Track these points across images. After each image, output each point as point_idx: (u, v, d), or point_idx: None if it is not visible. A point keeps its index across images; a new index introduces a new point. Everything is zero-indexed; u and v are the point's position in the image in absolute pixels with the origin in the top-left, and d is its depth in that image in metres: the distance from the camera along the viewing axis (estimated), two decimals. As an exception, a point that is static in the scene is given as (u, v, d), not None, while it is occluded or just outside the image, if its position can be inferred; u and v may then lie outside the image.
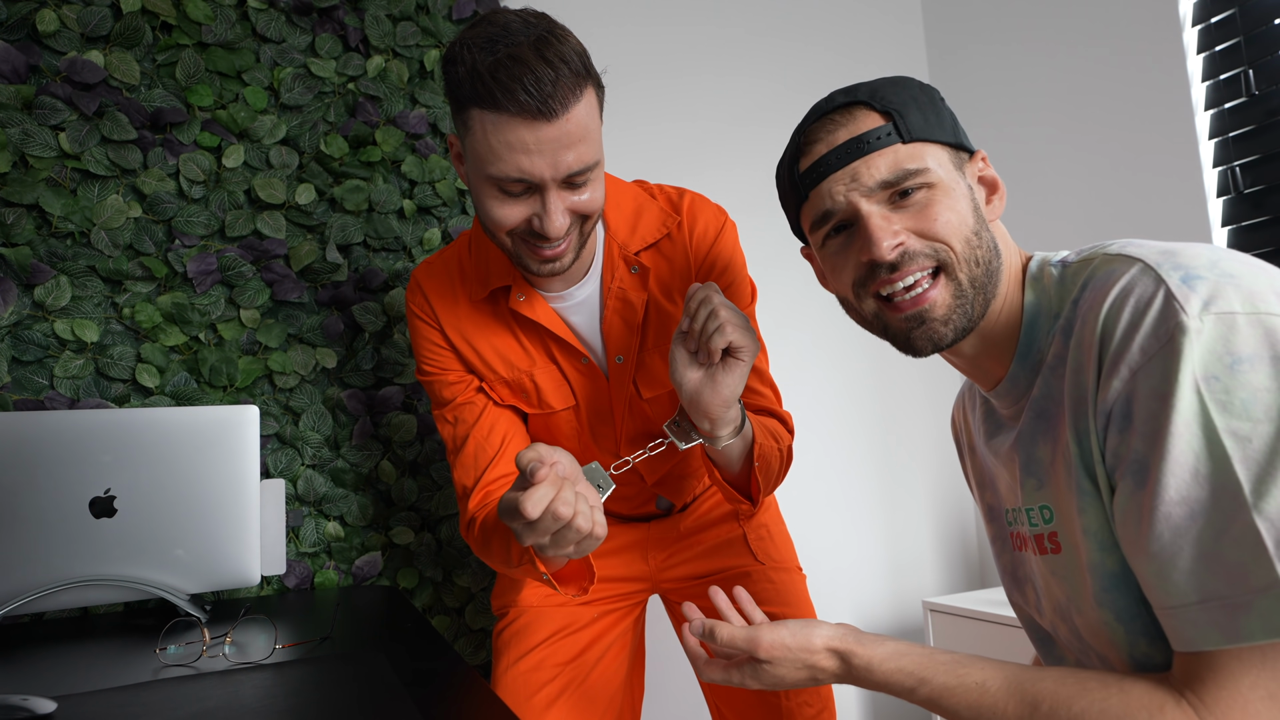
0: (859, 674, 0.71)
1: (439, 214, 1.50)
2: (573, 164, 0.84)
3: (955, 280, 0.69)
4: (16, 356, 1.19)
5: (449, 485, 1.45)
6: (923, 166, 0.70)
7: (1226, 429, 0.53)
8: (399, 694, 0.71)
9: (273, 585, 1.32)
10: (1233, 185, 1.52)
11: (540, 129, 0.82)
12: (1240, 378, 0.54)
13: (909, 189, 0.70)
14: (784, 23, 1.98)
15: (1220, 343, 0.54)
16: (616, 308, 1.02)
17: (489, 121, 0.82)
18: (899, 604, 1.96)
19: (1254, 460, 0.53)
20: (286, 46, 1.40)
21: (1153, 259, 0.60)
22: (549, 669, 1.09)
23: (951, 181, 0.71)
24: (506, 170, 0.84)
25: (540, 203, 0.86)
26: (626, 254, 1.01)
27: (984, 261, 0.70)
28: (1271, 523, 0.51)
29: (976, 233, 0.70)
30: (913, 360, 2.06)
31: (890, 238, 0.69)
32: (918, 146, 0.71)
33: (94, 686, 0.78)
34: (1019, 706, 0.61)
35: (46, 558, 1.04)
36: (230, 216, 1.33)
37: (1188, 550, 0.55)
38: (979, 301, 0.70)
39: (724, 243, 1.04)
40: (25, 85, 1.22)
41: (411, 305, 1.06)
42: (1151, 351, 0.56)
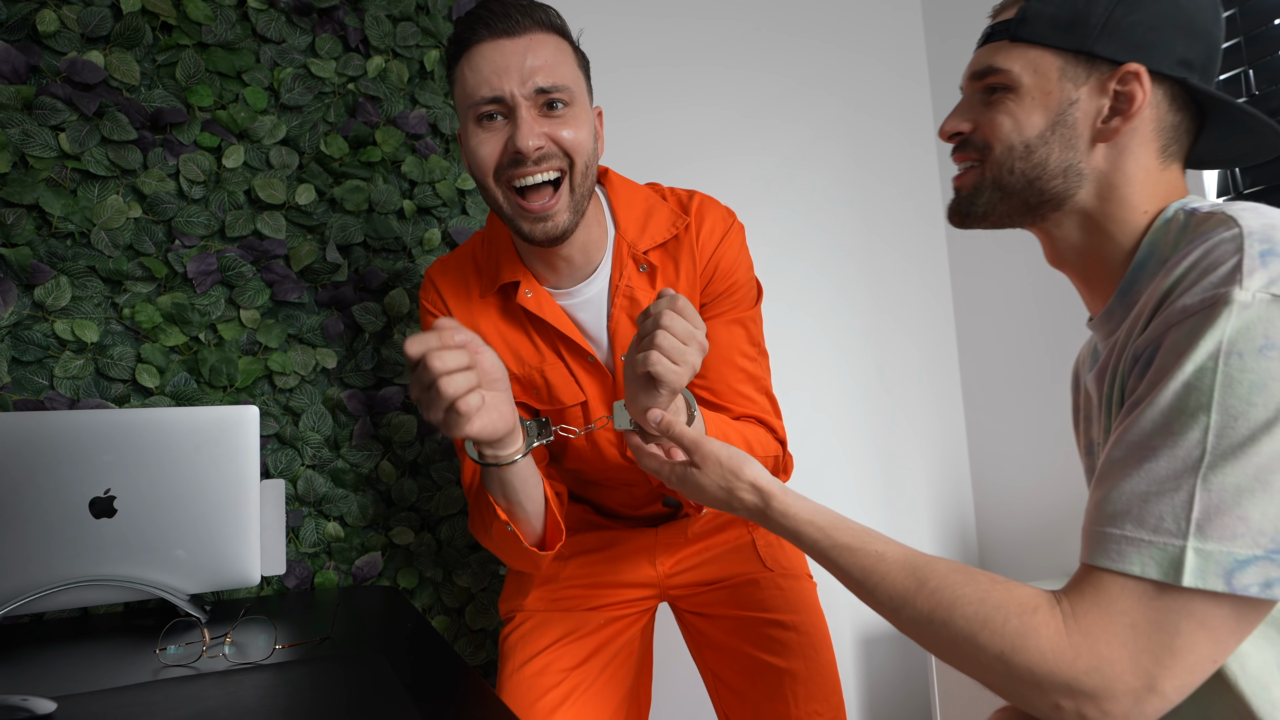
0: (773, 516, 0.75)
1: (439, 214, 1.50)
2: (539, 78, 0.89)
3: (981, 175, 0.75)
4: (16, 357, 1.19)
5: (449, 485, 1.45)
6: (1005, 68, 0.73)
7: (1221, 402, 0.54)
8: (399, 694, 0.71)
9: (273, 585, 1.32)
10: (1232, 185, 1.52)
11: (503, 45, 0.89)
12: (1262, 362, 0.53)
13: (992, 86, 0.74)
14: (790, 18, 1.98)
15: (1262, 323, 0.53)
16: (624, 305, 1.02)
17: (465, 61, 0.90)
18: (899, 604, 1.96)
19: (1228, 439, 0.53)
20: (286, 47, 1.40)
21: (1254, 226, 0.58)
22: (555, 673, 1.08)
23: (1036, 90, 0.71)
24: (480, 92, 0.89)
25: (516, 124, 0.89)
26: (635, 253, 1.02)
27: (1022, 172, 0.72)
28: (1208, 493, 0.53)
29: (1027, 144, 0.72)
30: (915, 360, 2.06)
31: (951, 125, 0.77)
32: (1021, 48, 0.72)
33: (94, 687, 0.78)
34: (907, 579, 0.65)
35: (46, 558, 1.04)
36: (230, 217, 1.33)
37: (1126, 486, 0.57)
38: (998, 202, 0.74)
39: (729, 244, 1.05)
40: (25, 85, 1.22)
41: (425, 302, 1.08)
42: (1191, 311, 0.56)
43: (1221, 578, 0.52)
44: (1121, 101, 0.70)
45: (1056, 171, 0.71)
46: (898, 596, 0.65)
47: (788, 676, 1.08)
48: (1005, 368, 2.00)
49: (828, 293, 1.97)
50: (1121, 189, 0.71)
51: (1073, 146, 0.71)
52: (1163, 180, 0.72)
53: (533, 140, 0.88)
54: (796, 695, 1.07)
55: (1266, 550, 0.52)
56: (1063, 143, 0.71)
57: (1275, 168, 1.45)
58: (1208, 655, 0.54)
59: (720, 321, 1.05)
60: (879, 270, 2.04)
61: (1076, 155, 0.71)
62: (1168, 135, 0.71)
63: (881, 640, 1.93)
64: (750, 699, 1.11)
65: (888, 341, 2.04)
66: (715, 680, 1.18)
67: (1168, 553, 0.54)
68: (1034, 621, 0.58)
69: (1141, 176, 0.71)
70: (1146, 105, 0.69)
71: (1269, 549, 0.52)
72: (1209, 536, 0.53)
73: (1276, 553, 0.52)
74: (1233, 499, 0.53)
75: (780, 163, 1.93)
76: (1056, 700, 0.56)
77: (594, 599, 1.16)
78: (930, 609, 0.62)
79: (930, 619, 0.62)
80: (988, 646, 0.59)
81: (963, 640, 0.60)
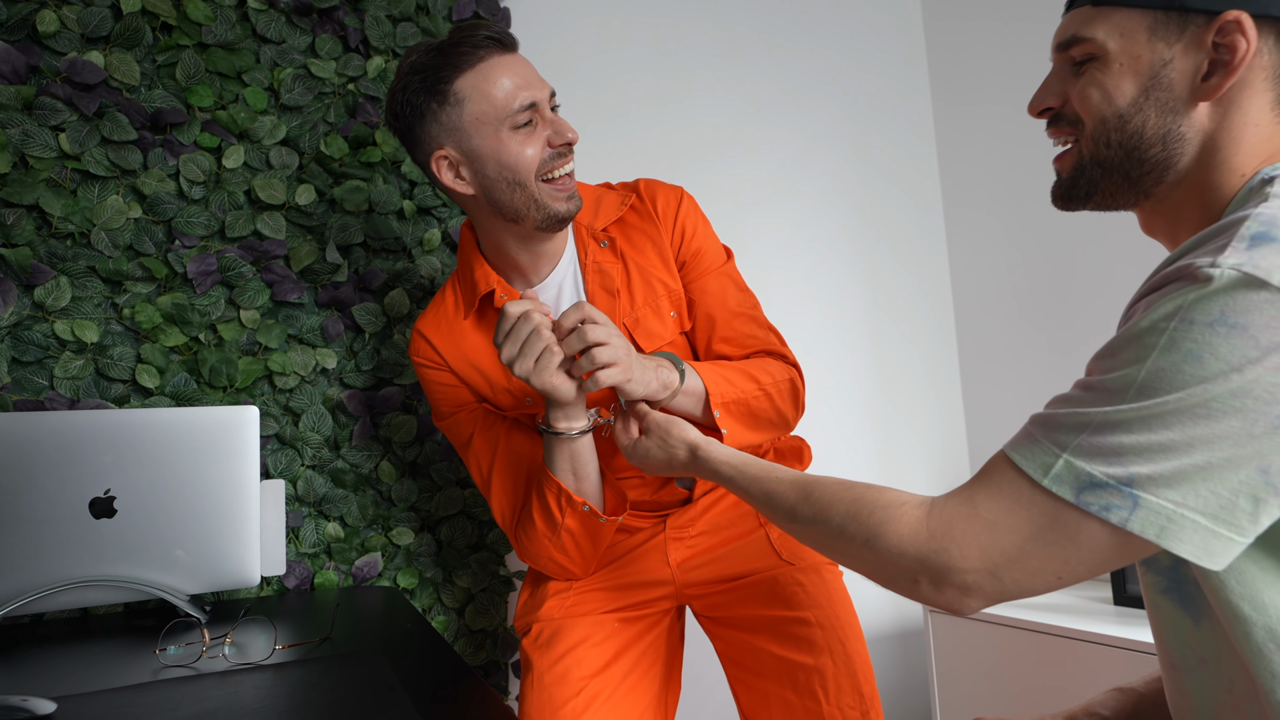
0: (700, 463, 0.88)
1: (439, 214, 1.50)
2: (547, 86, 1.02)
3: (1079, 153, 0.72)
4: (16, 357, 1.19)
5: (449, 486, 1.45)
6: (1089, 36, 0.69)
7: (1155, 362, 0.55)
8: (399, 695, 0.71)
9: (273, 586, 1.32)
10: (1233, 186, 1.52)
11: (514, 58, 1.00)
12: (1208, 335, 0.53)
13: (1076, 58, 0.70)
14: (790, 18, 1.98)
15: (1224, 298, 0.53)
16: (595, 278, 1.11)
17: (477, 78, 0.98)
18: (899, 605, 1.96)
19: (1143, 391, 0.55)
20: (286, 47, 1.40)
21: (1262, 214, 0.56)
22: (574, 681, 1.07)
23: (1124, 55, 0.67)
24: (520, 101, 0.99)
25: (545, 123, 1.02)
26: (594, 232, 1.13)
27: (1119, 144, 0.69)
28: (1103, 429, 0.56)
29: (1120, 114, 0.68)
30: (916, 359, 2.06)
31: (1038, 100, 0.74)
32: (1105, 11, 0.68)
33: (94, 687, 0.78)
34: (796, 493, 0.75)
35: (46, 558, 1.04)
36: (230, 217, 1.33)
37: (1058, 399, 0.62)
38: (1100, 179, 0.71)
39: (687, 210, 1.15)
40: (25, 86, 1.22)
41: (416, 358, 1.15)
42: (1170, 277, 0.57)
43: (1072, 489, 0.57)
44: (1223, 54, 0.64)
45: (1155, 139, 0.67)
46: (789, 508, 0.75)
47: (816, 674, 1.06)
48: (1005, 367, 2.00)
49: (828, 292, 1.97)
50: (1224, 150, 0.66)
51: (1171, 110, 0.66)
52: (1273, 135, 0.66)
53: (570, 132, 1.02)
54: (827, 691, 1.05)
55: (1119, 482, 0.55)
56: (1159, 107, 0.66)
57: (1275, 168, 1.45)
58: (1052, 570, 0.59)
59: (707, 277, 1.15)
60: (879, 270, 2.04)
61: (1176, 119, 0.66)
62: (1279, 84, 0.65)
63: (882, 640, 1.93)
64: (778, 699, 1.08)
65: (888, 341, 2.04)
66: (741, 682, 1.15)
67: (1046, 454, 0.59)
68: (898, 513, 0.65)
69: (1250, 134, 0.65)
70: (1252, 54, 0.63)
71: (1121, 480, 0.55)
72: (1081, 454, 0.57)
73: (1127, 487, 0.55)
74: (1116, 431, 0.56)
75: (780, 163, 1.93)
76: (915, 575, 0.63)
77: (610, 602, 1.15)
78: (813, 513, 0.71)
79: (813, 520, 0.71)
80: (855, 535, 0.67)
81: (836, 533, 0.69)
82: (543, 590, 1.18)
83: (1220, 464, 0.53)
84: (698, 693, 1.65)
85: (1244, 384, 0.52)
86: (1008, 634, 1.59)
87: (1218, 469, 0.53)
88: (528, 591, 1.22)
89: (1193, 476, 0.54)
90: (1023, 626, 1.55)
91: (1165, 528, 0.54)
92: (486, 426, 1.13)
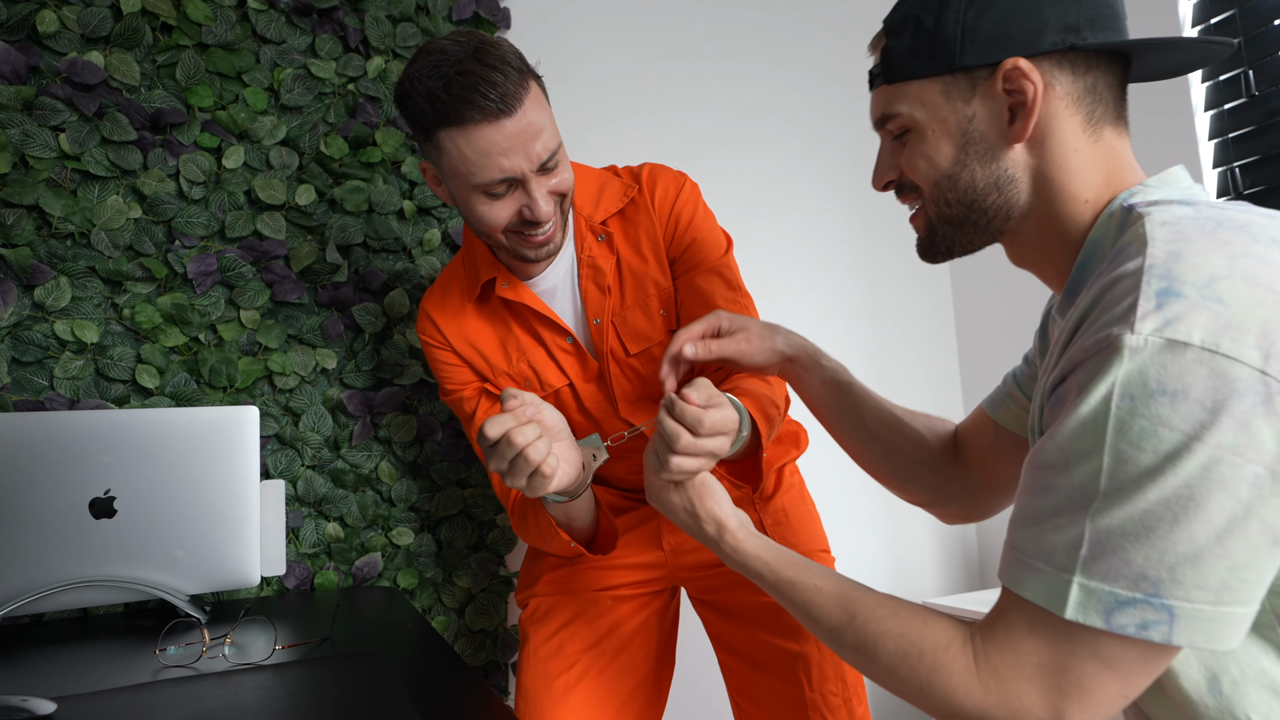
0: (725, 550, 0.80)
1: (439, 214, 1.50)
2: (542, 152, 0.93)
3: (926, 215, 0.75)
4: (16, 357, 1.19)
5: (449, 486, 1.45)
6: (896, 112, 0.72)
7: (1112, 445, 0.54)
8: (399, 695, 0.71)
9: (272, 586, 1.32)
10: (1233, 186, 1.52)
11: (505, 126, 0.90)
12: (1153, 408, 0.52)
13: (894, 132, 0.74)
14: (790, 18, 1.98)
15: (1155, 367, 0.53)
16: (589, 274, 1.09)
17: (459, 137, 0.91)
18: (899, 605, 1.96)
19: (1116, 481, 0.54)
20: (286, 47, 1.40)
21: (1156, 257, 0.56)
22: (568, 655, 1.11)
23: (932, 121, 0.70)
24: (490, 174, 0.92)
25: (525, 194, 0.95)
26: (592, 224, 1.10)
27: (958, 201, 0.71)
28: (1096, 533, 0.54)
29: (948, 175, 0.71)
30: (915, 359, 2.06)
31: (880, 175, 0.76)
32: (900, 87, 0.72)
33: (94, 687, 0.78)
34: (840, 613, 0.70)
35: (46, 558, 1.04)
36: (230, 217, 1.33)
37: (1029, 511, 0.59)
38: (952, 234, 0.74)
39: (685, 200, 1.11)
40: (25, 86, 1.22)
41: (422, 336, 1.14)
42: (1090, 352, 0.56)
43: (1101, 615, 0.54)
44: (1017, 98, 0.67)
45: (987, 188, 0.70)
46: (833, 629, 0.70)
47: (800, 660, 1.08)
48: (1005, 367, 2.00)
49: (828, 292, 1.97)
50: (1057, 180, 0.68)
51: (992, 158, 0.69)
52: (1097, 156, 0.68)
53: (546, 205, 0.95)
54: (810, 677, 1.08)
55: (1145, 594, 0.53)
56: (980, 158, 0.70)
57: (1276, 168, 1.45)
58: (1116, 692, 0.56)
59: (696, 273, 1.11)
60: (879, 270, 2.04)
61: (999, 164, 0.69)
62: (1085, 103, 0.68)
63: (881, 641, 1.93)
64: (764, 684, 1.11)
65: (888, 341, 2.04)
66: (727, 666, 1.19)
67: (1056, 583, 0.56)
68: (946, 658, 0.62)
69: (1074, 159, 0.68)
70: (1043, 91, 0.66)
71: (1148, 593, 0.53)
72: (1093, 574, 0.54)
73: (1155, 597, 0.53)
74: (1117, 542, 0.54)
75: (780, 163, 1.93)
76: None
77: (603, 580, 1.17)
78: (860, 642, 0.67)
79: (860, 650, 0.67)
80: (908, 680, 0.64)
81: (888, 672, 0.65)
82: (540, 564, 1.21)
83: (1230, 542, 0.52)
84: (698, 691, 1.65)
85: (1210, 454, 0.51)
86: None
87: (1229, 548, 0.52)
88: (527, 565, 1.25)
89: (1213, 566, 0.52)
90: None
91: (1210, 630, 0.52)
92: (489, 405, 1.13)
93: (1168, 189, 0.66)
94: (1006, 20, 0.66)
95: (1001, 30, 0.66)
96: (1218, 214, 0.59)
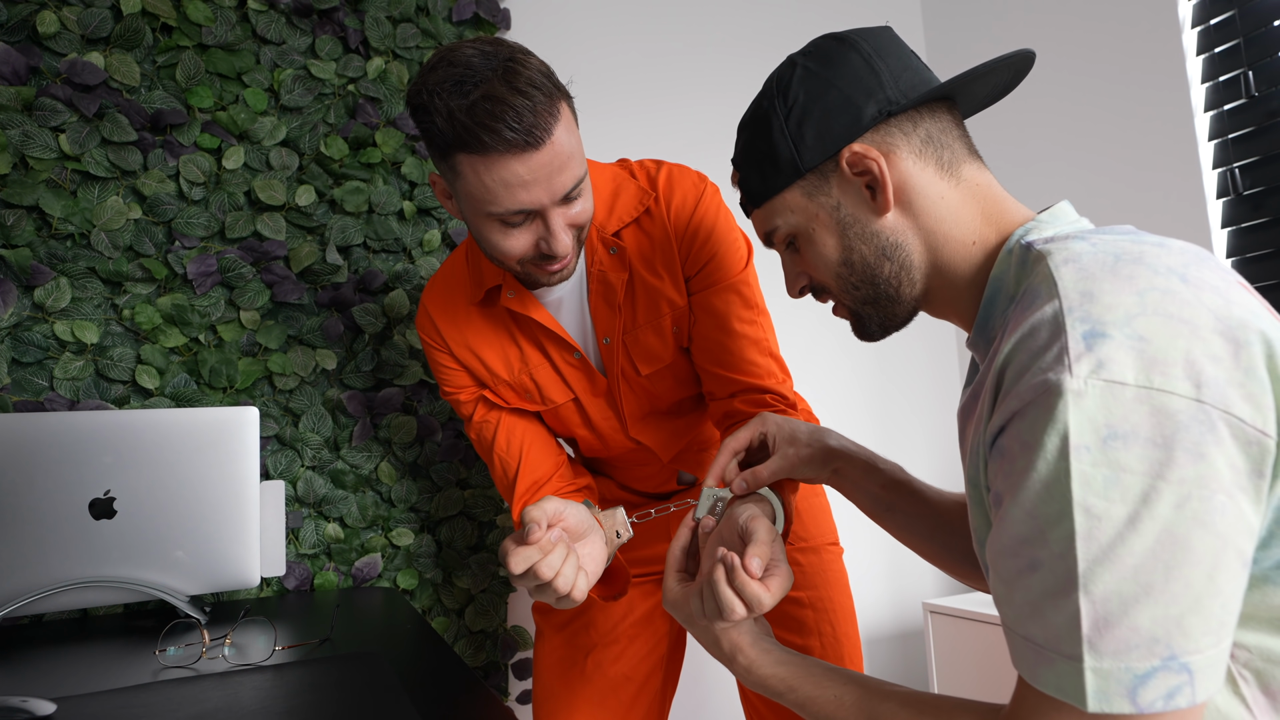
0: (739, 672, 0.78)
1: (439, 215, 1.50)
2: (566, 184, 0.87)
3: (844, 304, 0.78)
4: (16, 358, 1.19)
5: (449, 487, 1.45)
6: (773, 227, 0.77)
7: (1081, 502, 0.52)
8: (398, 696, 0.71)
9: (272, 587, 1.32)
10: (1232, 187, 1.52)
11: (530, 159, 0.83)
12: (1109, 453, 0.51)
13: (784, 241, 0.78)
14: (790, 18, 1.98)
15: (1101, 412, 0.52)
16: (598, 290, 1.03)
17: (479, 164, 0.83)
18: (899, 606, 1.96)
19: (1097, 541, 0.51)
20: (286, 48, 1.40)
21: (1070, 299, 0.56)
22: (600, 630, 1.13)
23: (808, 221, 0.75)
24: (507, 206, 0.85)
25: (544, 226, 0.88)
26: (604, 235, 1.02)
27: (861, 283, 0.75)
28: (1093, 604, 0.51)
29: (843, 264, 0.74)
30: (915, 359, 2.06)
31: (793, 283, 0.80)
32: (767, 206, 0.77)
33: (93, 688, 0.78)
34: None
35: (46, 559, 1.04)
36: (230, 218, 1.33)
37: (1020, 593, 0.56)
38: (873, 312, 0.77)
39: (704, 210, 1.04)
40: (25, 87, 1.22)
41: (421, 334, 1.10)
42: (1027, 399, 0.55)
43: (1126, 697, 0.50)
44: (868, 176, 0.71)
45: (878, 260, 0.73)
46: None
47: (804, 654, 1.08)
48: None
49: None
50: (938, 230, 0.71)
51: (871, 233, 0.73)
52: (965, 196, 0.72)
53: (566, 240, 0.89)
54: None
55: (1164, 659, 0.50)
56: (860, 238, 0.73)
57: (1275, 169, 1.45)
58: None
59: (711, 292, 1.04)
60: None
61: (879, 237, 0.72)
62: (930, 152, 0.72)
63: (881, 640, 1.93)
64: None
65: (888, 341, 2.04)
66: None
67: (1070, 672, 0.52)
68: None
69: (943, 206, 0.71)
70: (887, 165, 0.71)
71: (1164, 657, 0.50)
72: (1104, 653, 0.51)
73: (1171, 659, 0.50)
74: (1119, 608, 0.51)
75: (780, 164, 1.93)
76: None
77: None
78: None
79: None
80: None
81: None
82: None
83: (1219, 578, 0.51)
84: (698, 693, 1.65)
85: (1178, 491, 0.50)
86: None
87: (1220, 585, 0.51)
88: None
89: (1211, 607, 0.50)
90: (1022, 627, 1.55)
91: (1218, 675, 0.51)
92: (487, 409, 1.10)
93: (1059, 223, 0.68)
94: (824, 119, 0.72)
95: (825, 128, 0.72)
96: (1112, 246, 0.60)
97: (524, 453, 1.08)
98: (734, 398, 1.06)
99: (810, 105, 0.73)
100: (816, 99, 0.73)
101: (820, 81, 0.73)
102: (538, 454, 1.09)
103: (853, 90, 0.72)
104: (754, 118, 0.77)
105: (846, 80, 0.73)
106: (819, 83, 0.73)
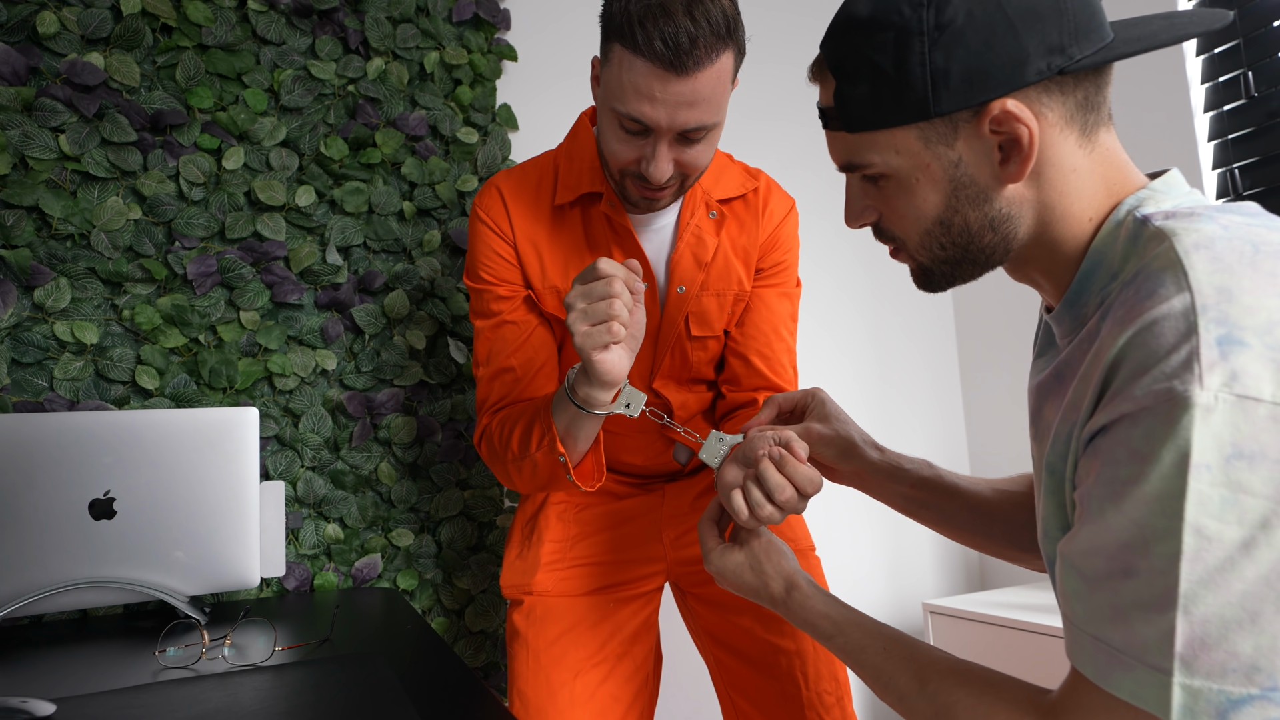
0: (794, 607, 0.78)
1: (439, 216, 1.50)
2: (689, 121, 0.90)
3: (915, 260, 0.69)
4: (16, 358, 1.19)
5: (449, 487, 1.45)
6: (866, 161, 0.65)
7: (1193, 523, 0.48)
8: (399, 696, 0.71)
9: (272, 587, 1.32)
10: (1232, 187, 1.52)
11: (669, 81, 0.87)
12: (1231, 473, 0.48)
13: (868, 177, 0.67)
14: (791, 18, 1.98)
15: (1229, 429, 0.48)
16: (691, 243, 1.07)
17: (625, 59, 0.88)
18: (899, 606, 1.96)
19: (1204, 563, 0.48)
20: (286, 49, 1.40)
21: (1205, 295, 0.50)
22: (572, 664, 1.09)
23: (913, 170, 0.63)
24: (629, 109, 0.90)
25: (651, 147, 0.92)
26: (709, 198, 1.08)
27: (951, 244, 0.65)
28: (1191, 625, 0.48)
29: (938, 222, 0.64)
30: (916, 358, 2.06)
31: (856, 216, 0.70)
32: (865, 137, 0.64)
33: (93, 689, 0.78)
34: (910, 680, 0.67)
35: (46, 560, 1.04)
36: (230, 218, 1.33)
37: (1104, 595, 0.53)
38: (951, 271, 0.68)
39: (790, 222, 1.14)
40: (25, 87, 1.22)
41: (481, 212, 1.09)
42: (1145, 405, 0.50)
43: (1215, 718, 0.48)
44: (1009, 139, 0.60)
45: (982, 230, 0.64)
46: (903, 696, 0.67)
47: (796, 658, 1.08)
48: (1006, 367, 2.00)
49: (829, 292, 1.97)
50: (1059, 205, 0.62)
51: (985, 200, 0.63)
52: (1095, 166, 0.63)
53: (665, 169, 0.93)
54: (807, 676, 1.08)
55: (1264, 689, 0.47)
56: (972, 203, 0.63)
57: (1275, 170, 1.45)
58: None
59: (774, 291, 1.13)
60: (880, 269, 2.04)
61: (993, 205, 0.63)
62: (1079, 119, 0.61)
63: (881, 642, 1.93)
64: (759, 681, 1.11)
65: (889, 340, 2.04)
66: (719, 662, 1.17)
67: (1155, 683, 0.49)
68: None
69: (1073, 180, 0.62)
70: (1039, 132, 0.60)
71: (1265, 688, 0.47)
72: (1197, 672, 0.48)
73: (1274, 690, 0.47)
74: (1219, 632, 0.48)
75: (780, 163, 1.93)
76: None
77: (603, 578, 1.16)
78: (931, 713, 0.64)
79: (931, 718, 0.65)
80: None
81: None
82: (533, 555, 1.16)
83: None
84: (696, 693, 1.65)
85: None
86: (1008, 634, 1.59)
87: None
88: (515, 550, 1.19)
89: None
90: (1021, 627, 1.55)
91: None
92: (512, 313, 1.07)
93: (1175, 194, 0.61)
94: (981, 55, 0.58)
95: (978, 67, 0.58)
96: (1248, 232, 0.53)
97: (538, 375, 1.07)
98: (756, 391, 1.11)
99: (969, 34, 0.58)
100: (979, 27, 0.57)
101: (991, 4, 0.57)
102: (548, 383, 1.08)
103: (1024, 25, 0.57)
104: (882, 22, 0.60)
105: (1021, 8, 0.57)
106: (989, 5, 0.58)
